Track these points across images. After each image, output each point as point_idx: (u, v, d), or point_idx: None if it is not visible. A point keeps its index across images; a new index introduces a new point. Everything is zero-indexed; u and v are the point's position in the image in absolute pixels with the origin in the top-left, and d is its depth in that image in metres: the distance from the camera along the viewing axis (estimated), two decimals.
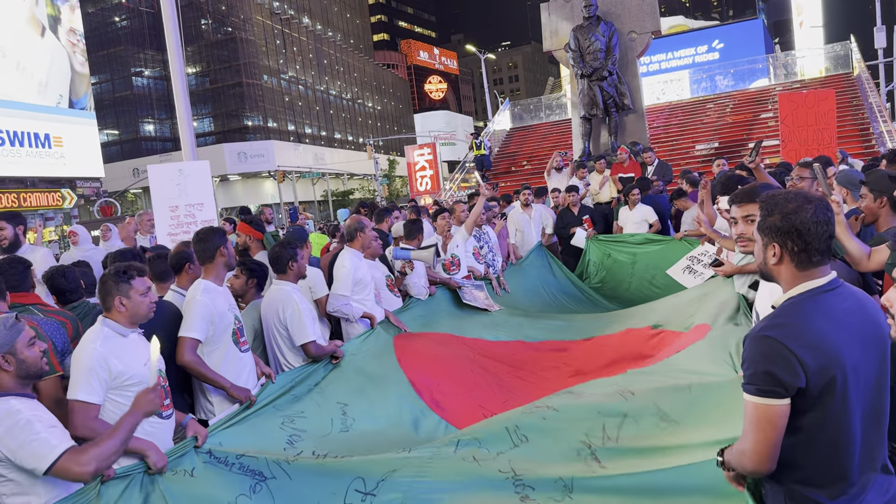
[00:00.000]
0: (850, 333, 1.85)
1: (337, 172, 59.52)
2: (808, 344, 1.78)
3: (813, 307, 1.86)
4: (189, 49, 56.58)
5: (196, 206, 6.50)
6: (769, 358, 1.80)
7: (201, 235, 3.91)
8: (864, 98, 19.03)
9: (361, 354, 4.62)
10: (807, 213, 1.88)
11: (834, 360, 1.80)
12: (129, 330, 3.12)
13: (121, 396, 3.00)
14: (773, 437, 1.83)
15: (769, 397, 1.80)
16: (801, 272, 1.92)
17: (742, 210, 3.00)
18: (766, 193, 2.03)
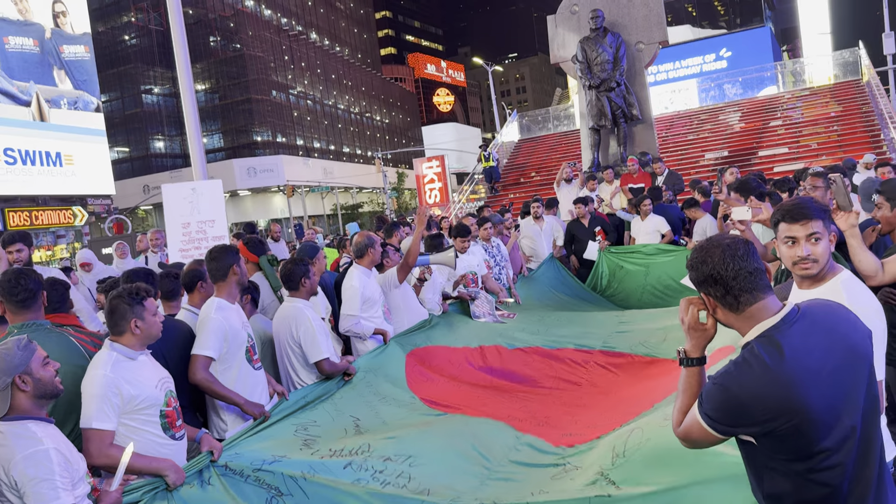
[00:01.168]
0: (816, 370, 1.75)
1: (346, 186, 59.73)
2: (763, 394, 1.72)
3: (768, 351, 1.76)
4: (198, 66, 57.06)
5: (208, 223, 6.53)
6: (723, 407, 1.79)
7: (214, 254, 3.90)
8: (874, 105, 18.93)
9: (373, 372, 4.59)
10: (714, 258, 1.85)
11: (796, 405, 1.71)
12: (137, 353, 3.09)
13: (133, 420, 2.97)
14: (698, 444, 1.92)
15: (713, 429, 1.83)
16: (739, 315, 1.86)
17: (805, 228, 2.51)
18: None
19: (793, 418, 1.72)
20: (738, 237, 1.91)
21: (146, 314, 3.09)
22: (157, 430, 3.04)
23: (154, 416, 3.03)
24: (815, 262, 2.47)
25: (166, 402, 3.09)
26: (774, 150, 17.87)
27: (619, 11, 13.74)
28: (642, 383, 5.18)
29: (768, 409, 1.72)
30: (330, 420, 3.93)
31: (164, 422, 3.07)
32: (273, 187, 55.35)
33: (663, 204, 9.42)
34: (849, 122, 18.58)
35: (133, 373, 3.01)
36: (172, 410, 3.13)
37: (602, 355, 5.85)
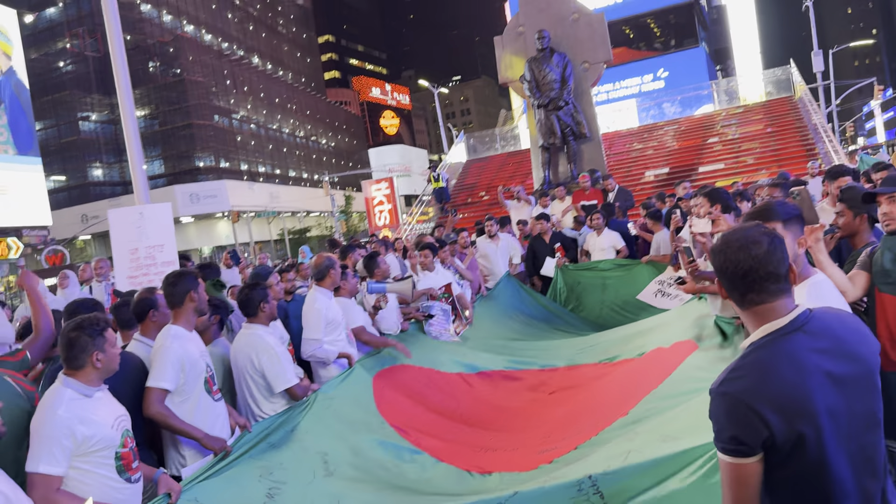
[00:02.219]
0: (822, 377, 1.71)
1: (293, 210, 59.01)
2: (770, 398, 1.67)
3: (775, 354, 1.73)
4: (137, 92, 55.73)
5: (157, 248, 6.27)
6: (730, 418, 1.71)
7: (171, 279, 3.72)
8: (807, 119, 19.70)
9: (339, 398, 4.40)
10: (729, 250, 1.81)
11: (802, 412, 1.67)
12: (94, 389, 2.88)
13: (86, 463, 2.76)
14: (747, 495, 1.74)
15: (736, 456, 1.72)
16: (744, 311, 1.83)
17: None
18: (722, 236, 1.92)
19: (795, 422, 1.67)
20: (770, 231, 1.84)
21: (107, 346, 2.90)
22: (111, 473, 2.83)
23: (109, 457, 2.83)
24: None
25: (122, 443, 2.89)
26: (713, 167, 18.38)
27: (565, 32, 13.98)
28: (608, 385, 5.19)
29: (775, 417, 1.66)
30: (296, 461, 3.71)
31: (120, 464, 2.87)
32: (217, 213, 54.24)
33: (616, 220, 9.53)
34: (783, 137, 19.28)
35: (89, 411, 2.80)
36: (129, 451, 2.93)
37: (566, 370, 5.85)
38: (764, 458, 1.72)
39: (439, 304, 6.59)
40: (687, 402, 3.48)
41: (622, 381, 5.03)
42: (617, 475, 3.09)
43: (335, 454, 3.93)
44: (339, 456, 3.93)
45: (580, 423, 4.47)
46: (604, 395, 4.91)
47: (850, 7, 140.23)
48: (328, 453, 3.90)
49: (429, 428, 4.61)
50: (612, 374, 5.38)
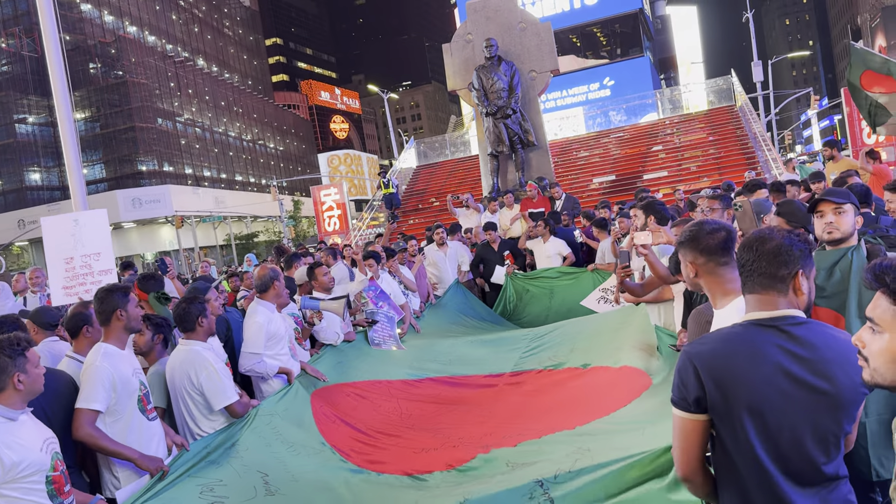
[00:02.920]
0: (778, 375, 1.83)
1: (239, 215, 57.94)
2: (713, 367, 1.86)
3: (740, 336, 1.91)
4: (77, 94, 54.11)
5: (93, 257, 6.01)
6: (680, 373, 1.92)
7: (100, 295, 3.57)
8: (747, 128, 20.31)
9: (279, 416, 4.30)
10: (746, 244, 1.99)
11: (735, 391, 1.83)
12: (18, 412, 2.74)
13: (14, 490, 2.62)
14: (688, 447, 1.94)
15: (680, 409, 1.92)
16: (748, 301, 1.99)
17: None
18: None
19: (728, 397, 1.84)
20: (788, 236, 1.98)
21: (29, 367, 2.76)
22: (42, 499, 2.71)
23: (39, 482, 2.70)
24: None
25: (53, 466, 2.76)
26: (657, 174, 18.78)
27: (512, 40, 14.08)
28: (553, 393, 5.22)
29: (712, 386, 1.85)
30: (237, 477, 3.61)
31: (51, 489, 2.74)
32: (160, 218, 52.90)
33: (562, 227, 9.63)
34: (725, 145, 19.82)
35: (14, 436, 2.66)
36: (60, 475, 2.80)
37: (510, 376, 5.86)
38: (709, 423, 1.91)
39: (383, 311, 6.55)
40: (643, 429, 3.52)
41: (567, 392, 5.06)
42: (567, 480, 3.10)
43: (276, 475, 3.83)
44: (279, 477, 3.84)
45: (522, 424, 4.49)
46: (549, 405, 4.93)
47: (787, 19, 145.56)
48: (268, 474, 3.81)
49: (370, 442, 4.54)
50: (556, 382, 5.41)
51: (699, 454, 1.94)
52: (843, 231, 3.19)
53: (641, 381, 4.57)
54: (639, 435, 3.43)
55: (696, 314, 2.91)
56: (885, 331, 1.37)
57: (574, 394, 4.98)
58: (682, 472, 1.98)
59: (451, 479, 3.89)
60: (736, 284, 2.44)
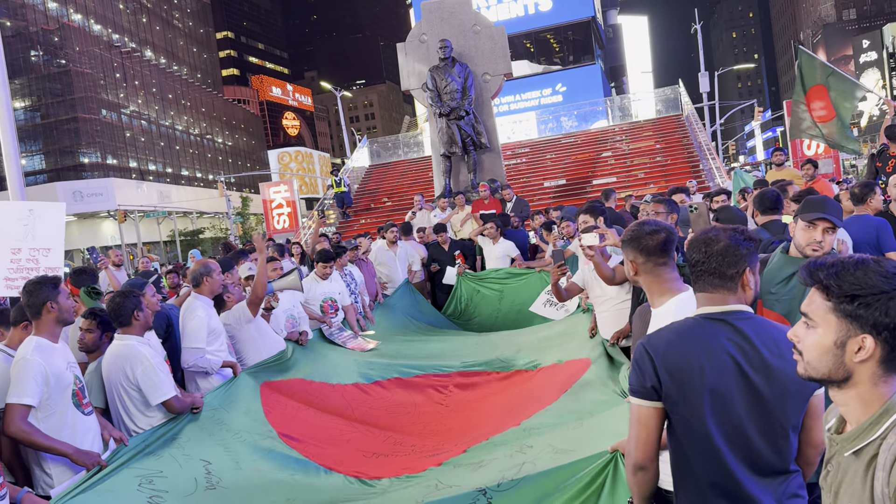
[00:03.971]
0: (721, 363, 1.94)
1: (185, 211, 56.69)
2: (666, 357, 1.96)
3: (691, 329, 2.01)
4: (16, 82, 52.19)
5: (42, 252, 5.74)
6: (636, 363, 2.02)
7: (28, 287, 3.45)
8: (693, 137, 20.82)
9: (224, 407, 4.23)
10: (695, 244, 2.09)
11: (689, 379, 1.93)
12: None
13: None
14: (643, 436, 2.02)
15: (637, 397, 2.02)
16: (698, 297, 2.10)
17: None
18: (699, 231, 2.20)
19: (681, 386, 1.94)
20: (734, 236, 2.05)
21: None
22: None
23: None
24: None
25: None
26: (606, 179, 19.08)
27: (467, 43, 14.13)
28: (502, 395, 5.26)
29: (666, 374, 1.95)
30: (178, 468, 3.54)
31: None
32: (102, 212, 51.44)
33: (512, 229, 9.71)
34: (671, 153, 20.28)
35: None
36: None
37: (460, 376, 5.89)
38: (665, 413, 2.01)
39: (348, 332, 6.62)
40: (581, 421, 3.56)
41: (516, 393, 5.11)
42: (510, 488, 3.11)
43: (218, 464, 3.77)
44: (222, 466, 3.78)
45: (471, 430, 4.51)
46: (497, 405, 4.97)
47: (734, 32, 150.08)
48: (211, 462, 3.75)
49: (318, 436, 4.51)
50: (506, 385, 5.45)
51: (656, 441, 2.02)
52: (826, 251, 3.22)
53: (582, 365, 4.67)
54: (577, 427, 3.48)
55: (641, 311, 2.98)
56: (818, 325, 1.41)
57: (521, 392, 5.04)
58: (639, 458, 2.02)
59: (400, 484, 3.88)
60: (673, 284, 2.51)
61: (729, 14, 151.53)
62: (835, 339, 1.38)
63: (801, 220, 3.27)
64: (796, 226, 3.32)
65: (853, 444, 1.36)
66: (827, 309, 1.39)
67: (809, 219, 3.24)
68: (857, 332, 1.35)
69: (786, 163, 10.10)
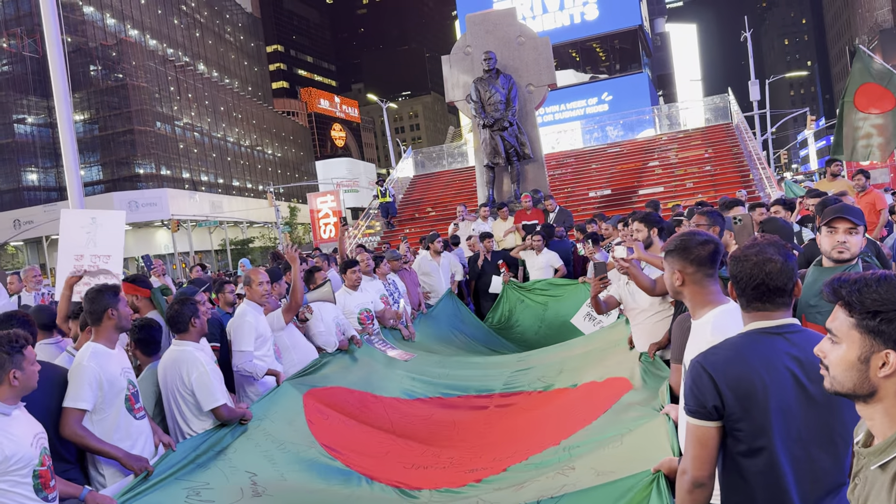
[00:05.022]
0: (782, 377, 1.93)
1: (236, 220, 57.98)
2: (730, 375, 1.92)
3: (750, 344, 1.98)
4: (77, 95, 54.23)
5: (102, 258, 5.99)
6: (693, 380, 1.97)
7: (90, 295, 3.62)
8: (742, 146, 20.43)
9: (269, 418, 4.33)
10: (748, 262, 2.04)
11: (752, 395, 1.90)
12: (11, 407, 2.78)
13: (4, 483, 2.66)
14: (703, 455, 1.98)
15: (697, 418, 1.98)
16: (747, 313, 2.06)
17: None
18: (745, 244, 2.16)
19: (746, 404, 1.91)
20: (784, 250, 2.05)
21: (25, 364, 2.80)
22: (28, 493, 2.75)
23: (27, 476, 2.74)
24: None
25: (41, 461, 2.81)
26: (653, 189, 18.86)
27: (511, 54, 14.18)
28: (541, 411, 5.24)
29: (729, 392, 1.91)
30: (224, 480, 3.64)
31: (38, 482, 2.79)
32: (156, 222, 52.94)
33: (556, 240, 9.68)
34: (720, 162, 19.94)
35: (8, 430, 2.71)
36: (46, 470, 2.85)
37: (501, 397, 5.88)
38: (723, 430, 1.97)
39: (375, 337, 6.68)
40: (621, 438, 3.54)
41: (556, 410, 5.08)
42: None
43: (264, 475, 3.86)
44: (268, 477, 3.86)
45: (511, 446, 4.50)
46: (537, 422, 4.95)
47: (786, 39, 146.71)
48: (257, 474, 3.83)
49: (360, 447, 4.57)
50: (546, 400, 5.43)
51: (715, 458, 2.00)
52: (853, 252, 3.20)
53: (622, 385, 4.63)
54: (618, 446, 3.46)
55: (681, 321, 2.96)
56: (842, 341, 1.42)
57: (561, 410, 5.02)
58: (698, 476, 2.00)
59: (440, 498, 3.91)
60: (716, 296, 2.50)
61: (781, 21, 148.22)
62: (858, 354, 1.38)
63: (823, 228, 3.25)
64: (821, 236, 3.30)
65: (879, 457, 1.36)
66: (850, 325, 1.40)
67: (827, 222, 3.22)
68: (881, 348, 1.35)
69: (841, 173, 9.83)
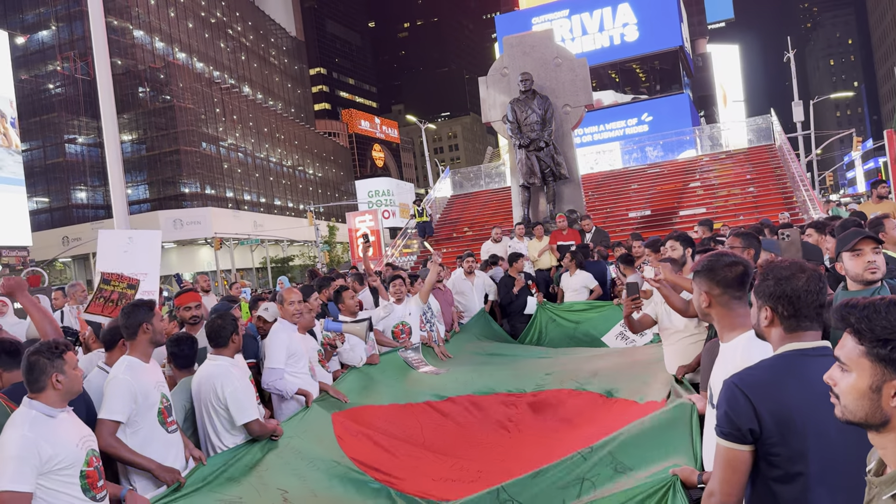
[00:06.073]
0: (819, 400, 1.82)
1: (276, 239, 58.85)
2: (768, 398, 1.86)
3: (787, 366, 1.93)
4: (125, 116, 55.89)
5: (140, 276, 6.16)
6: (730, 404, 1.90)
7: (126, 310, 3.72)
8: (786, 168, 20.05)
9: (299, 436, 4.37)
10: (798, 281, 1.98)
11: (793, 421, 1.84)
12: (58, 410, 2.91)
13: (51, 482, 2.78)
14: (734, 480, 1.92)
15: (729, 440, 1.91)
16: (787, 334, 2.00)
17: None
18: (766, 261, 2.11)
19: (783, 428, 1.84)
20: (816, 268, 2.02)
21: (67, 368, 2.92)
22: (76, 492, 2.87)
23: (74, 476, 2.86)
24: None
25: (87, 462, 2.92)
26: (694, 210, 18.59)
27: (548, 75, 14.23)
28: (573, 423, 5.19)
29: (768, 415, 1.85)
30: (256, 495, 3.68)
31: (85, 483, 2.90)
32: (200, 240, 54.03)
33: (591, 261, 9.61)
34: (763, 184, 19.59)
35: (53, 431, 2.83)
36: (94, 470, 2.95)
37: (532, 396, 5.86)
38: (755, 454, 1.90)
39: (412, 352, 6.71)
40: (641, 428, 3.52)
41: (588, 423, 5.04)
42: None
43: (295, 492, 3.89)
44: (299, 493, 3.89)
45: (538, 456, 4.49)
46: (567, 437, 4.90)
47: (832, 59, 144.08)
48: (288, 491, 3.86)
49: (389, 461, 4.59)
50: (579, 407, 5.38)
51: (744, 484, 1.94)
52: (883, 270, 3.16)
53: (656, 406, 4.59)
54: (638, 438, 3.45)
55: (710, 347, 2.92)
56: (852, 370, 1.38)
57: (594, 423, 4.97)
58: (726, 500, 1.95)
59: None
60: (744, 320, 2.44)
61: (826, 41, 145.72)
62: (870, 383, 1.34)
63: (844, 254, 3.18)
64: (843, 264, 3.22)
65: (892, 487, 1.31)
66: (860, 353, 1.36)
67: (852, 246, 3.16)
68: (893, 377, 1.31)
69: (888, 195, 9.57)
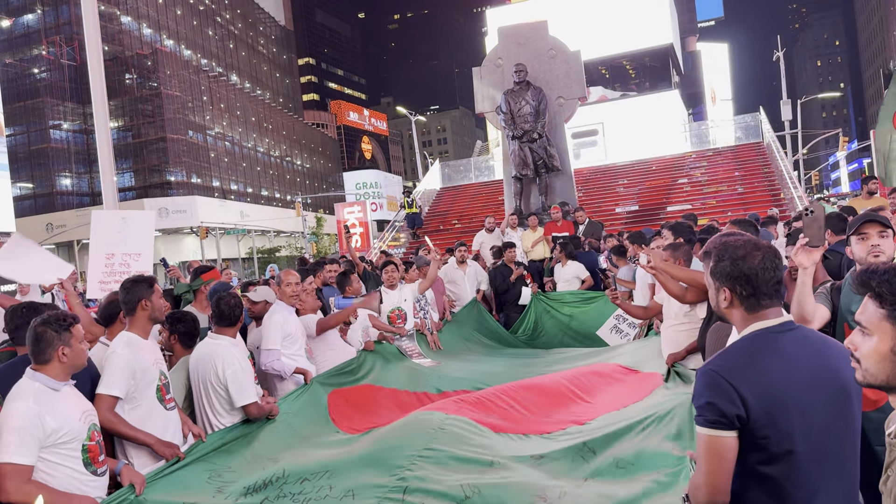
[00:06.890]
0: (799, 375, 1.85)
1: (263, 229, 58.57)
2: (749, 380, 1.82)
3: (761, 346, 1.89)
4: (112, 103, 55.02)
5: (133, 256, 6.14)
6: (711, 390, 1.84)
7: (126, 286, 3.69)
8: (773, 165, 20.21)
9: (294, 414, 4.38)
10: (755, 259, 1.94)
11: (776, 399, 1.81)
12: (62, 383, 2.90)
13: (53, 455, 2.78)
14: (722, 469, 1.85)
15: (714, 428, 1.84)
16: (750, 314, 1.96)
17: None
18: (718, 240, 2.06)
19: (769, 407, 1.80)
20: (770, 245, 1.99)
21: (73, 341, 2.91)
22: (77, 466, 2.87)
23: (76, 450, 2.86)
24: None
25: (89, 436, 2.93)
26: (681, 206, 18.69)
27: (542, 67, 14.22)
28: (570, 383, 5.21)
29: (751, 396, 1.80)
30: (245, 464, 3.73)
31: (86, 457, 2.91)
32: (185, 228, 53.64)
33: (583, 252, 9.65)
34: (751, 181, 19.74)
35: (56, 404, 2.83)
36: (95, 445, 2.96)
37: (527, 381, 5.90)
38: (739, 439, 1.84)
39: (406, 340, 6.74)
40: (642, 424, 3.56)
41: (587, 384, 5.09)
42: None
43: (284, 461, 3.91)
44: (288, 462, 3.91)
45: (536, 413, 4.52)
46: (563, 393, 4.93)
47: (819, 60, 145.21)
48: (279, 461, 3.88)
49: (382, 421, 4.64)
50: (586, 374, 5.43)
51: (731, 471, 1.86)
52: (888, 254, 3.13)
53: (656, 381, 4.64)
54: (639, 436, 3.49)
55: (717, 328, 2.93)
56: (874, 333, 1.40)
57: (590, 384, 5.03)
58: (713, 496, 1.87)
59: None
60: None
61: (814, 42, 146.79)
62: (892, 345, 1.36)
63: (852, 238, 3.20)
64: (852, 248, 3.25)
65: None
66: (881, 316, 1.38)
67: (857, 229, 3.17)
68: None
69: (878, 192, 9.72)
